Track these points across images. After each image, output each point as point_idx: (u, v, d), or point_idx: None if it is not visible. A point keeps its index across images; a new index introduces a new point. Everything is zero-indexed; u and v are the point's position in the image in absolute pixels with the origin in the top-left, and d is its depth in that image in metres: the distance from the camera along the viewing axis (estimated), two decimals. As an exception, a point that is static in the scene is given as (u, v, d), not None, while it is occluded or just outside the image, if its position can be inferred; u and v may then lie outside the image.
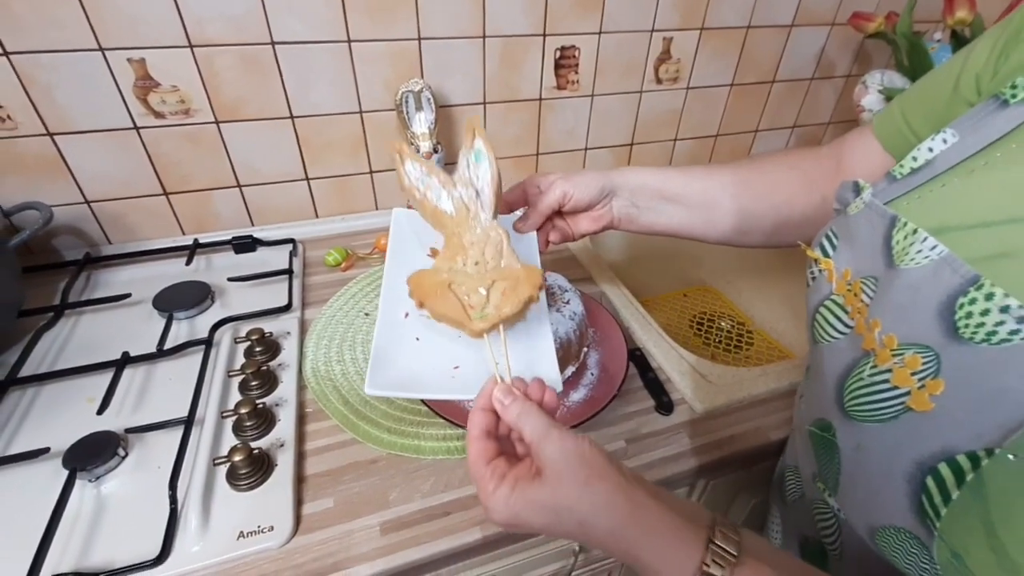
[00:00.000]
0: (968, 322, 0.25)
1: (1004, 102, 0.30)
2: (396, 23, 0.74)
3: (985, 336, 0.24)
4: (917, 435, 0.28)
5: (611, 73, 0.89)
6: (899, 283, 0.29)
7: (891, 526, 0.30)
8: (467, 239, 0.40)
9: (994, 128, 0.30)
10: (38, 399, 0.56)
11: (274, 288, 0.72)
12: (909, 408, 0.28)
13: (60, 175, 0.71)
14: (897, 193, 0.32)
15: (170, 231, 0.80)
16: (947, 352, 0.26)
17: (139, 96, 0.69)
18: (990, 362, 0.24)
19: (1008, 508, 0.24)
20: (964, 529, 0.26)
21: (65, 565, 0.42)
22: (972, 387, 0.25)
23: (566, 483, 0.29)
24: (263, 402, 0.54)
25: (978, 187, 0.28)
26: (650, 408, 0.59)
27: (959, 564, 0.27)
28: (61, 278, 0.71)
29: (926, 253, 0.28)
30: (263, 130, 0.77)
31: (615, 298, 0.74)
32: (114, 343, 0.61)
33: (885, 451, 0.29)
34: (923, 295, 0.27)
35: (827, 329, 0.35)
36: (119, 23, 0.64)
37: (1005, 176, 0.28)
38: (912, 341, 0.28)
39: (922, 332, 0.27)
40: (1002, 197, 0.27)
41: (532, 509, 0.30)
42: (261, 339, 0.60)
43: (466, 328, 0.36)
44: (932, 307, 0.27)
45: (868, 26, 0.87)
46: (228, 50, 0.69)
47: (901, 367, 0.28)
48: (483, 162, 0.41)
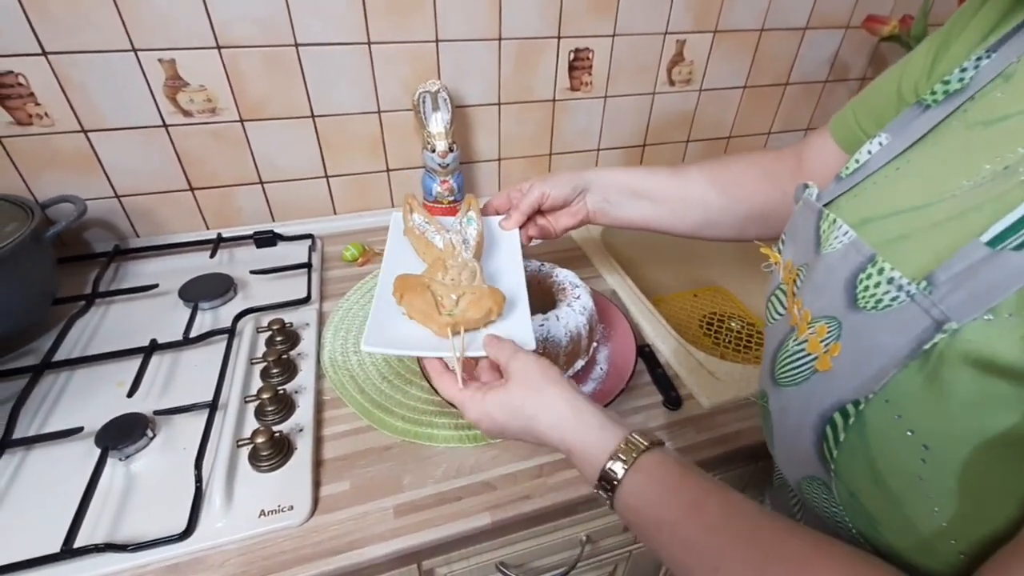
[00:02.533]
0: (865, 294, 0.29)
1: (927, 107, 0.34)
2: (414, 25, 0.76)
3: (874, 304, 0.28)
4: (820, 392, 0.31)
5: (624, 75, 0.91)
6: (820, 266, 0.33)
7: (808, 476, 0.34)
8: (449, 263, 0.49)
9: (916, 130, 0.34)
10: (71, 382, 0.59)
11: (294, 281, 0.74)
12: (816, 370, 0.32)
13: (93, 170, 0.74)
14: (841, 191, 0.36)
15: (195, 225, 0.83)
16: (847, 320, 0.30)
17: (169, 95, 0.72)
18: (873, 324, 0.28)
19: (884, 444, 0.28)
20: (854, 468, 0.30)
21: (97, 537, 0.44)
22: (859, 347, 0.29)
23: (522, 387, 0.38)
24: (283, 389, 0.56)
25: (895, 182, 0.33)
26: (658, 403, 0.60)
27: (855, 501, 0.31)
28: (92, 269, 0.74)
29: (840, 238, 0.32)
30: (285, 129, 0.79)
31: (625, 296, 0.75)
32: (142, 331, 0.64)
33: (799, 409, 0.33)
34: (835, 274, 0.32)
35: (771, 313, 0.40)
36: (151, 25, 0.67)
37: (916, 171, 0.32)
38: (823, 314, 0.32)
39: (831, 305, 0.31)
40: (910, 190, 0.31)
41: (496, 407, 0.39)
42: (282, 329, 0.63)
43: (433, 323, 0.44)
44: (840, 283, 0.31)
45: (882, 29, 0.88)
46: (253, 51, 0.72)
47: (814, 336, 0.32)
48: (473, 224, 0.54)
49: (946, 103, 0.33)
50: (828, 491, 0.32)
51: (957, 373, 0.24)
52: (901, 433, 0.27)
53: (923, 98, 0.35)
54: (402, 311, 0.46)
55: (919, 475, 0.26)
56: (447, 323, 0.43)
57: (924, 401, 0.25)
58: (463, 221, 0.55)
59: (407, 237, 0.55)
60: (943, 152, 0.31)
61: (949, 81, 0.34)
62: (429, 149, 0.81)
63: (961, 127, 0.31)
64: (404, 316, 0.46)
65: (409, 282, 0.46)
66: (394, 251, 0.55)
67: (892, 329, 0.27)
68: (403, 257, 0.54)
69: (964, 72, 0.33)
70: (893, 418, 0.27)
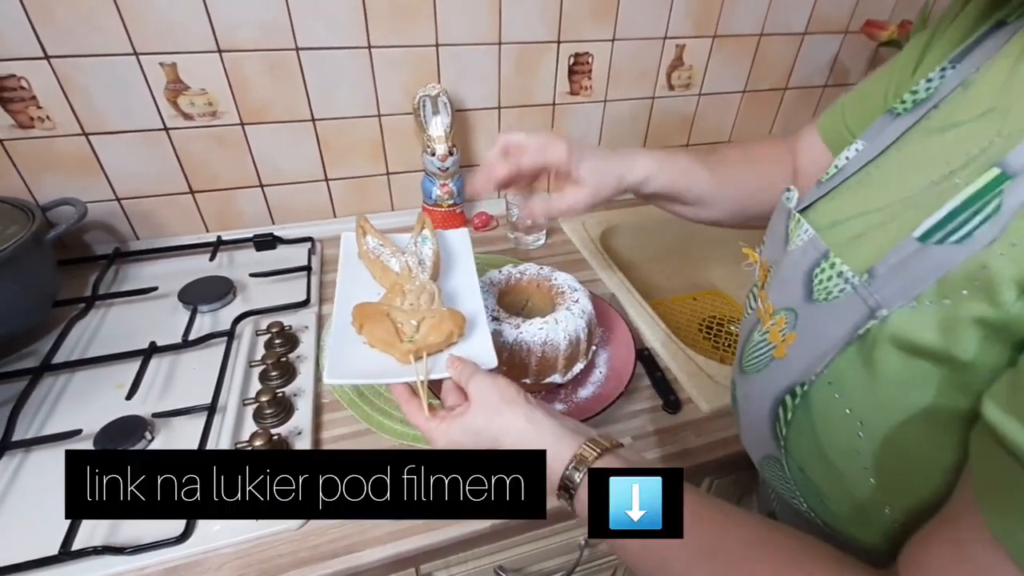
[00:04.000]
0: (819, 287, 0.31)
1: (897, 115, 0.36)
2: (415, 30, 0.77)
3: (825, 295, 0.31)
4: (776, 378, 0.34)
5: (624, 79, 0.91)
6: (785, 262, 0.36)
7: (766, 455, 0.37)
8: (407, 288, 0.48)
9: (887, 137, 0.35)
10: (70, 384, 0.59)
11: (293, 284, 0.74)
12: (774, 357, 0.34)
13: (93, 173, 0.74)
14: (820, 194, 0.37)
15: (195, 228, 0.84)
16: (803, 311, 0.33)
17: (170, 98, 0.72)
18: (822, 313, 0.31)
19: (826, 422, 0.30)
20: (802, 445, 0.32)
21: (96, 539, 0.44)
22: (810, 335, 0.32)
23: (483, 409, 0.38)
24: (282, 392, 0.56)
25: (864, 187, 0.35)
26: (657, 407, 0.60)
27: (804, 476, 0.33)
28: (92, 271, 0.74)
29: (801, 236, 0.35)
30: (286, 132, 0.80)
31: (624, 299, 0.75)
32: (141, 333, 0.64)
33: (758, 394, 0.36)
34: (795, 269, 0.34)
35: (746, 308, 0.42)
36: (154, 29, 0.67)
37: (881, 176, 0.34)
38: (783, 306, 0.34)
39: (790, 298, 0.34)
40: (873, 193, 0.33)
41: (459, 432, 0.38)
42: (281, 332, 0.63)
43: (395, 350, 0.43)
44: (800, 278, 0.33)
45: (881, 34, 0.88)
46: (255, 55, 0.72)
47: (774, 327, 0.35)
48: (427, 243, 0.53)
49: (914, 111, 0.35)
50: (781, 468, 0.35)
51: (886, 354, 0.27)
52: (841, 411, 0.29)
53: (894, 107, 0.37)
54: (363, 340, 0.45)
55: (857, 449, 0.29)
56: (408, 350, 0.43)
57: (859, 381, 0.28)
58: (418, 240, 0.53)
59: (362, 261, 0.53)
60: (905, 158, 0.33)
61: (917, 91, 0.36)
62: (429, 153, 0.81)
63: (923, 134, 0.33)
64: (364, 344, 0.45)
65: (367, 311, 0.45)
66: (348, 276, 0.53)
67: (836, 317, 0.30)
68: (357, 281, 0.52)
69: (930, 82, 0.35)
70: (833, 397, 0.29)
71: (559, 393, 0.59)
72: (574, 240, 0.89)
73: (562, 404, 0.58)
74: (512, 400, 0.39)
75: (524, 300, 0.63)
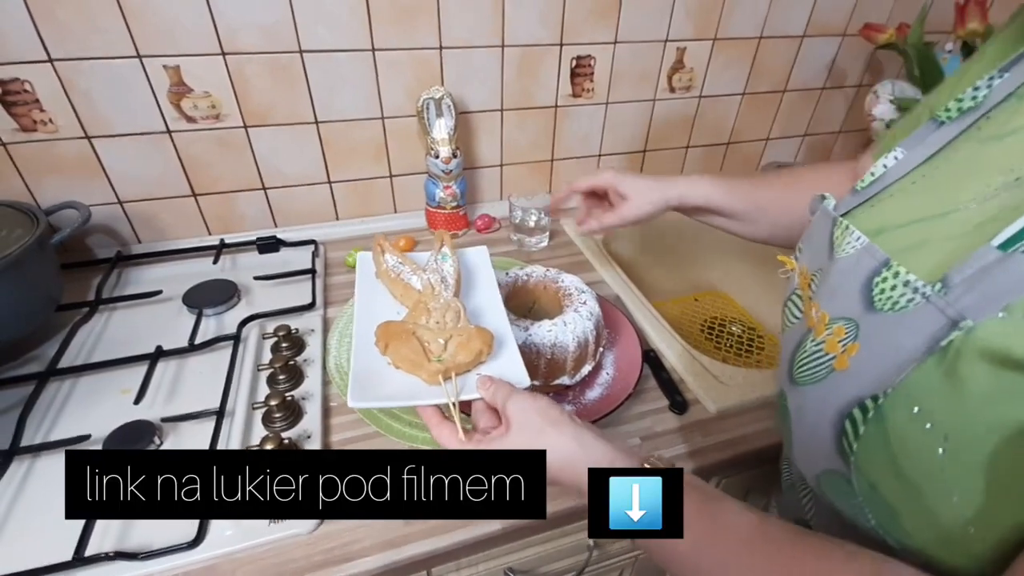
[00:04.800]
0: (881, 296, 0.31)
1: (940, 123, 0.35)
2: (418, 32, 0.77)
3: (891, 306, 0.30)
4: (839, 390, 0.33)
5: (625, 81, 0.92)
6: (834, 270, 0.35)
7: (827, 470, 0.35)
8: (431, 305, 0.46)
9: (931, 145, 0.35)
10: (76, 389, 0.58)
11: (297, 287, 0.74)
12: (834, 369, 0.33)
13: (96, 176, 0.74)
14: (857, 202, 0.37)
15: (197, 231, 0.83)
16: (864, 321, 0.32)
17: (173, 101, 0.72)
18: (891, 325, 0.30)
19: (903, 437, 0.29)
20: (874, 461, 0.31)
21: (107, 545, 0.44)
22: (877, 346, 0.31)
23: (524, 432, 0.37)
24: (291, 395, 0.56)
25: (911, 195, 0.34)
26: (664, 407, 0.60)
27: (875, 494, 0.32)
28: (95, 275, 0.74)
29: (853, 244, 0.34)
30: (289, 135, 0.79)
31: (628, 301, 0.76)
32: (146, 337, 0.63)
33: (817, 406, 0.35)
34: (849, 278, 0.33)
35: (788, 317, 0.41)
36: (157, 31, 0.67)
37: (931, 184, 0.33)
38: (840, 315, 0.33)
39: (848, 307, 0.33)
40: (925, 201, 0.33)
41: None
42: (288, 335, 0.63)
43: (423, 371, 0.42)
44: (856, 287, 0.32)
45: (879, 37, 0.89)
46: (258, 58, 0.72)
47: (831, 336, 0.34)
48: (448, 261, 0.52)
49: (960, 120, 0.34)
50: (848, 484, 0.33)
51: (973, 368, 0.25)
52: (920, 426, 0.28)
53: (937, 115, 0.36)
54: (387, 361, 0.43)
55: (939, 466, 0.27)
56: (437, 370, 0.41)
57: (942, 395, 0.26)
58: (438, 258, 0.52)
59: (380, 280, 0.52)
60: (957, 166, 0.33)
61: (963, 99, 0.35)
62: (432, 155, 0.81)
63: (974, 142, 0.33)
64: (388, 365, 0.43)
65: (393, 330, 0.43)
66: (365, 295, 0.51)
67: (909, 328, 0.28)
68: (376, 301, 0.51)
69: (977, 91, 0.34)
70: (912, 412, 0.28)
71: (567, 395, 0.59)
72: (577, 242, 0.89)
73: (570, 405, 0.58)
74: (557, 421, 0.37)
75: (531, 302, 0.64)
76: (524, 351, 0.53)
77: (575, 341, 0.54)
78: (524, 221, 0.85)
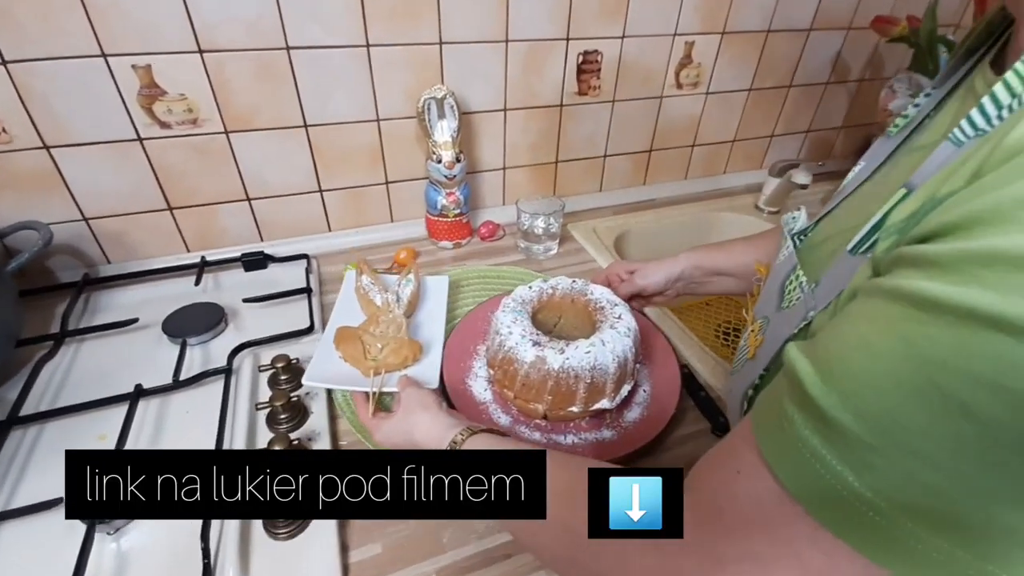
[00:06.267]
0: (788, 296, 0.36)
1: (889, 136, 0.38)
2: (417, 27, 0.71)
3: (788, 304, 0.36)
4: (746, 377, 0.39)
5: (633, 78, 0.87)
6: (771, 275, 0.40)
7: None
8: (381, 319, 0.59)
9: (879, 156, 0.38)
10: (43, 439, 0.51)
11: (292, 308, 0.67)
12: (748, 360, 0.40)
13: (55, 191, 0.66)
14: (824, 212, 0.40)
15: (174, 248, 0.75)
16: (773, 318, 0.38)
17: (144, 105, 0.64)
18: (783, 319, 0.36)
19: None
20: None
21: (89, 635, 0.37)
22: (772, 338, 0.36)
23: (402, 412, 0.46)
24: (296, 438, 0.50)
25: (852, 204, 0.38)
26: (706, 430, 0.56)
27: None
28: (58, 302, 0.66)
29: (783, 252, 0.39)
30: (275, 140, 0.72)
31: (649, 310, 0.71)
32: (123, 374, 0.56)
33: (735, 392, 0.41)
34: (775, 281, 0.39)
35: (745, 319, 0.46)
36: (124, 28, 0.59)
37: (865, 194, 0.37)
38: (762, 315, 0.39)
39: (768, 307, 0.39)
40: (856, 212, 0.35)
41: (389, 430, 0.46)
42: (287, 366, 0.56)
43: (361, 365, 0.54)
44: (776, 288, 0.38)
45: (891, 30, 0.86)
46: (240, 55, 0.65)
47: (752, 333, 0.40)
48: (410, 286, 0.63)
49: (902, 132, 0.37)
50: None
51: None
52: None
53: (889, 129, 0.38)
54: (339, 355, 0.55)
55: None
56: (370, 367, 0.53)
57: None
58: (402, 283, 0.63)
59: (355, 295, 0.63)
60: (885, 179, 0.36)
61: (908, 115, 0.37)
62: (434, 160, 0.75)
63: (903, 154, 0.36)
64: (340, 359, 0.55)
65: (344, 333, 0.56)
66: (344, 303, 0.64)
67: (789, 321, 0.34)
68: (350, 308, 0.62)
69: (917, 106, 0.37)
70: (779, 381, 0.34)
71: (605, 418, 0.54)
72: (588, 248, 0.84)
73: (610, 431, 0.53)
74: (426, 404, 0.46)
75: (556, 318, 0.58)
76: (561, 377, 0.48)
77: (615, 362, 0.49)
78: (532, 228, 0.80)
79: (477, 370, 0.58)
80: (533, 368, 0.49)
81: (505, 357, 0.51)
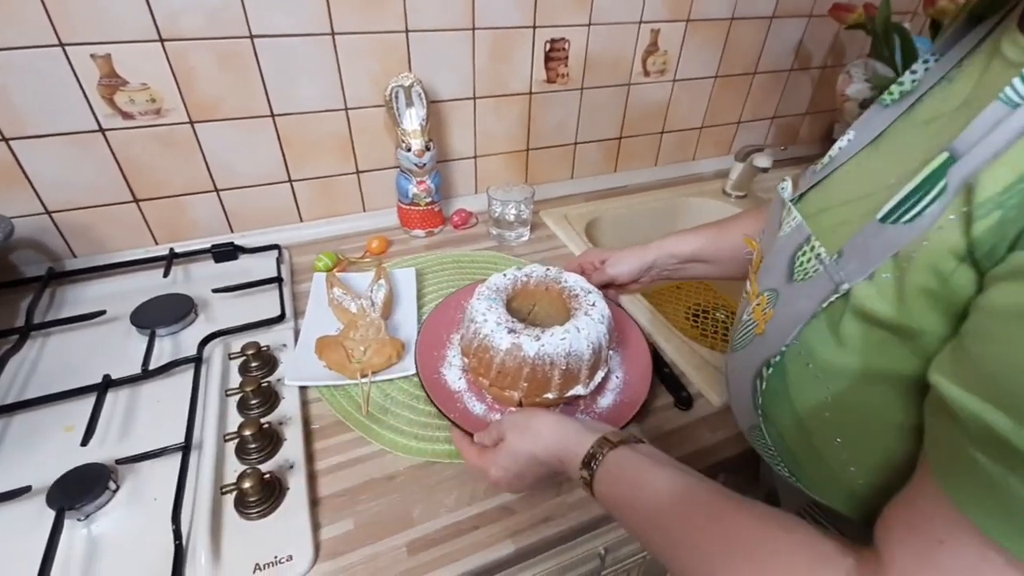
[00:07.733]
0: (799, 268, 0.34)
1: (885, 106, 0.37)
2: (383, 14, 0.71)
3: (802, 276, 0.34)
4: (756, 353, 0.37)
5: (600, 66, 0.88)
6: (774, 247, 0.38)
7: (751, 425, 0.40)
8: (359, 323, 0.60)
9: (875, 128, 0.37)
10: (10, 432, 0.50)
11: (263, 298, 0.68)
12: (756, 335, 0.37)
13: (16, 184, 0.65)
14: (813, 183, 0.39)
15: (142, 241, 0.75)
16: (783, 291, 0.35)
17: (105, 95, 0.63)
18: (797, 291, 0.34)
19: (798, 387, 0.33)
20: (778, 410, 0.36)
21: (60, 617, 0.38)
22: (786, 311, 0.34)
23: (515, 432, 0.43)
24: (267, 422, 0.50)
25: (850, 174, 0.36)
26: (669, 404, 0.58)
27: (781, 443, 0.37)
28: (22, 296, 0.65)
29: (790, 223, 0.37)
30: (241, 130, 0.72)
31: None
32: (91, 365, 0.56)
33: (741, 369, 0.39)
34: (782, 253, 0.36)
35: (743, 293, 0.44)
36: (81, 16, 0.58)
37: (866, 166, 0.36)
38: (767, 287, 0.37)
39: (774, 279, 0.36)
40: (858, 182, 0.35)
41: (505, 459, 0.42)
42: (257, 353, 0.57)
43: (347, 370, 0.56)
44: (784, 260, 0.36)
45: (848, 17, 0.89)
46: (203, 44, 0.65)
47: (759, 307, 0.37)
48: (382, 290, 0.64)
49: (900, 103, 0.36)
50: (763, 436, 0.38)
51: (849, 324, 0.30)
52: (812, 376, 0.32)
53: (882, 98, 0.38)
54: (323, 364, 0.57)
55: (825, 411, 0.32)
56: (356, 370, 0.56)
57: (827, 348, 0.31)
58: (374, 288, 0.64)
59: (329, 307, 0.64)
60: (889, 149, 0.35)
61: (903, 83, 0.37)
62: (404, 148, 0.75)
63: (908, 126, 0.35)
64: (324, 368, 0.57)
65: (326, 342, 0.58)
66: (316, 302, 0.66)
67: (807, 293, 0.33)
68: (323, 318, 0.64)
69: (915, 74, 0.36)
70: (805, 365, 0.32)
71: (578, 404, 0.55)
72: (559, 234, 0.86)
73: (585, 416, 0.54)
74: (536, 412, 0.44)
75: (531, 305, 0.59)
76: (537, 364, 0.49)
77: (590, 348, 0.50)
78: (504, 215, 0.81)
79: (451, 359, 0.59)
80: (509, 355, 0.49)
81: (481, 345, 0.51)
